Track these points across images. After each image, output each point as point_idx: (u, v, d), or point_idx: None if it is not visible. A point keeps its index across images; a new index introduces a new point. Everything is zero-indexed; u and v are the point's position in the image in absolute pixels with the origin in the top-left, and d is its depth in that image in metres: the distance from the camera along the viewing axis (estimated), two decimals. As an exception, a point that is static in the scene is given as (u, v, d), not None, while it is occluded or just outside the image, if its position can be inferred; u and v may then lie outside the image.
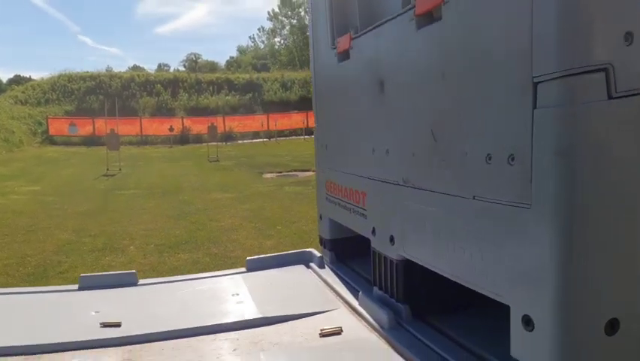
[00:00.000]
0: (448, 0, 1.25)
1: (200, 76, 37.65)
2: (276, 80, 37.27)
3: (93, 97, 31.97)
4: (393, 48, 1.60)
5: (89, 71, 35.82)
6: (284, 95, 35.44)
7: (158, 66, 71.50)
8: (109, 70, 40.73)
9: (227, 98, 34.75)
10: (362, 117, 1.87)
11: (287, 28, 57.90)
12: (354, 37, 1.86)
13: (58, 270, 5.95)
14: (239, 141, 29.05)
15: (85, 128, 28.26)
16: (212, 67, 61.06)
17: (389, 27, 1.60)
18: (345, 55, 1.95)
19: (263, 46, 65.27)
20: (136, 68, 49.72)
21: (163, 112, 32.46)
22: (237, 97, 35.06)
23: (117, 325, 1.70)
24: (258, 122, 31.15)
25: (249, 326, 1.71)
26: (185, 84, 35.08)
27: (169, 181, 13.55)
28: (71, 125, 28.36)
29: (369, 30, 1.74)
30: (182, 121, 29.82)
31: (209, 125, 22.76)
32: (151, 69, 54.07)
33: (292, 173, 14.62)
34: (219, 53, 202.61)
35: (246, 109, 33.77)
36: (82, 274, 2.21)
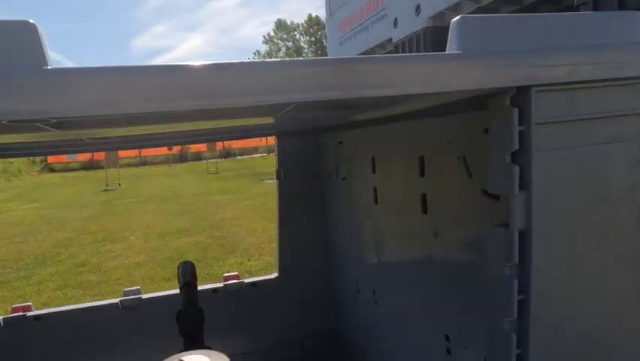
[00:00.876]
0: None
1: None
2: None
3: (91, 124, 32.12)
4: None
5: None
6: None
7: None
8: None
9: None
10: None
11: (282, 50, 58.88)
12: None
13: (57, 259, 5.74)
14: (238, 157, 29.02)
15: (83, 154, 28.24)
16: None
17: None
18: None
19: (258, 69, 65.90)
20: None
21: (161, 134, 32.51)
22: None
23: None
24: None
25: None
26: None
27: (169, 191, 13.39)
28: (70, 151, 28.31)
29: None
30: (181, 141, 29.77)
31: (208, 140, 22.73)
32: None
33: (293, 176, 14.45)
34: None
35: (244, 127, 33.85)
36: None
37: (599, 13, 2.14)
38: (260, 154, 29.38)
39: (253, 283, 2.23)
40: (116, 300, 2.02)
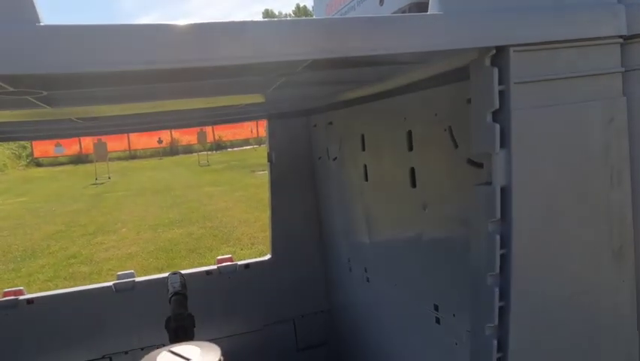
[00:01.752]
0: None
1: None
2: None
3: (78, 118, 31.66)
4: None
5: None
6: (271, 103, 35.40)
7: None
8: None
9: (214, 109, 34.63)
10: None
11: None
12: None
13: (47, 251, 5.71)
14: (228, 149, 28.86)
15: (71, 147, 27.84)
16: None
17: None
18: None
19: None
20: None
21: (150, 128, 32.18)
22: (224, 108, 34.98)
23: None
24: (247, 129, 30.97)
25: None
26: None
27: (160, 183, 13.29)
28: (57, 145, 27.94)
29: None
30: (171, 133, 29.56)
31: (199, 131, 22.57)
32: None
33: (284, 167, 14.43)
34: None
35: (234, 119, 33.65)
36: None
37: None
38: (251, 146, 29.24)
39: (246, 265, 2.25)
40: (109, 283, 2.03)
